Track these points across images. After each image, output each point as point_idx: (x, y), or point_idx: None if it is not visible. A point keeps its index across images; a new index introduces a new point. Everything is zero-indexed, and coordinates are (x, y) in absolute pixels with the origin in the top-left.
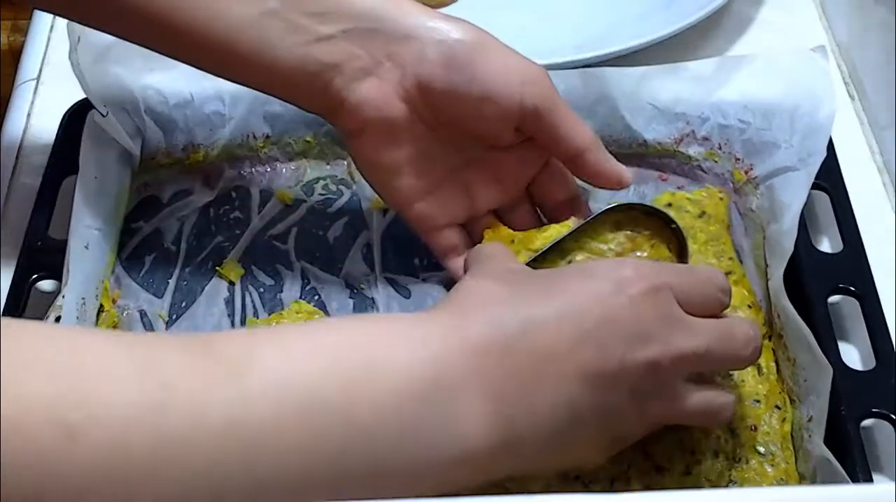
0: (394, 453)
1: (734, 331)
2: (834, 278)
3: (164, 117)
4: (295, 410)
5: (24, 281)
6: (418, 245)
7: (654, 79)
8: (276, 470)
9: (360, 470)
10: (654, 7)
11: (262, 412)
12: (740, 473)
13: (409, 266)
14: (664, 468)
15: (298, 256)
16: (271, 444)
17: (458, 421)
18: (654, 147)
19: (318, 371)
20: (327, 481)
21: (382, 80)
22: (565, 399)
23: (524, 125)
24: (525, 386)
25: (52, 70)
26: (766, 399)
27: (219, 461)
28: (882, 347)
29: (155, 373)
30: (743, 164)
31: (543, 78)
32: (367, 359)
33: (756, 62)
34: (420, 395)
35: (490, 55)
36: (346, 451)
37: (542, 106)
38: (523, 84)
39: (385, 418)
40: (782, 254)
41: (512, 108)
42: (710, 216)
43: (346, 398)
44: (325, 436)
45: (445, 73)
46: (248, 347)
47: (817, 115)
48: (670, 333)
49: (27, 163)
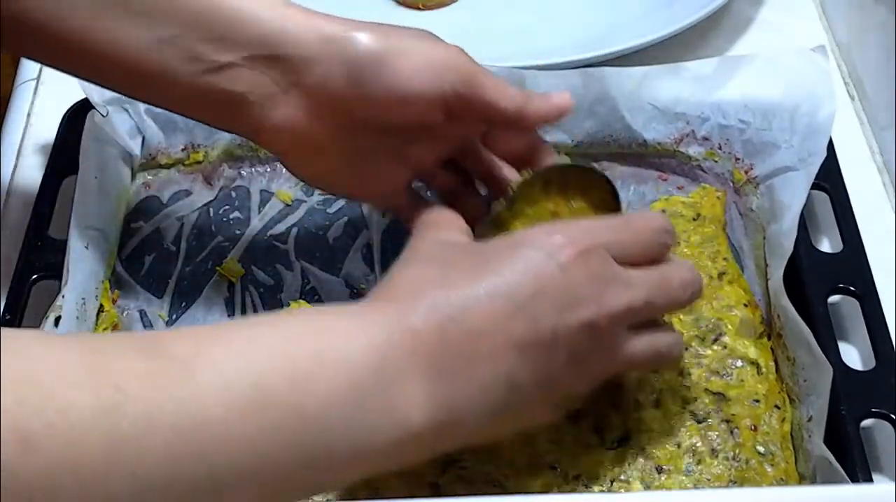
0: (342, 440)
1: (671, 278)
2: (834, 278)
3: (164, 117)
4: (245, 405)
5: (24, 281)
6: None
7: (654, 79)
8: (230, 465)
9: (311, 458)
10: (654, 7)
11: (212, 409)
12: (740, 473)
13: None
14: (664, 468)
15: (298, 256)
16: (224, 440)
17: (401, 405)
18: (653, 147)
19: (266, 366)
20: (280, 471)
21: (294, 106)
22: (502, 372)
23: (453, 109)
24: (462, 365)
25: (52, 70)
26: (765, 399)
27: (173, 459)
28: (882, 347)
29: (108, 377)
30: (743, 164)
31: (458, 59)
32: (314, 352)
33: (756, 62)
34: (365, 384)
35: (399, 57)
36: (297, 442)
37: (464, 89)
38: (439, 75)
39: (333, 408)
40: (782, 254)
41: (434, 101)
42: (704, 217)
43: (294, 390)
44: (276, 429)
45: (356, 89)
46: (197, 346)
47: (817, 115)
48: (604, 292)
49: (27, 163)
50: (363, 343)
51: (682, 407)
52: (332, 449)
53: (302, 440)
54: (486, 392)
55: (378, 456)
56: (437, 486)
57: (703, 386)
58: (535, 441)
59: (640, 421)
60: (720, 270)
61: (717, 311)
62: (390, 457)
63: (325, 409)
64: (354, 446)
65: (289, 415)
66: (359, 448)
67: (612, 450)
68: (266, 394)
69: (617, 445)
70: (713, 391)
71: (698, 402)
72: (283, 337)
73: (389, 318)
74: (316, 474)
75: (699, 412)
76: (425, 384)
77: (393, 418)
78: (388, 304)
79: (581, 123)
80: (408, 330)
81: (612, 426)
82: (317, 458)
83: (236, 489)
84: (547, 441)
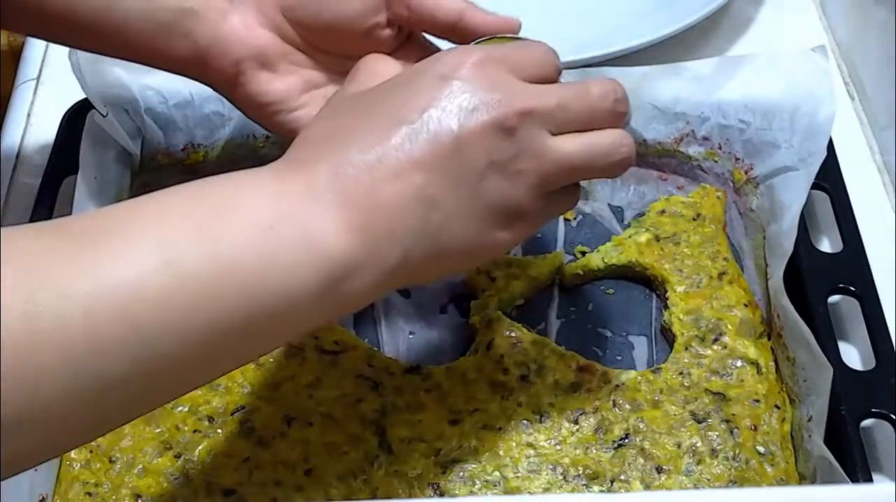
0: (264, 284)
1: (588, 87)
2: (834, 278)
3: (164, 117)
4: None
5: None
6: None
7: (654, 79)
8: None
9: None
10: (654, 7)
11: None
12: (740, 473)
13: None
14: (664, 468)
15: None
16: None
17: (316, 234)
18: (654, 147)
19: (172, 222)
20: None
21: (243, 14)
22: (413, 193)
23: (395, 18)
24: (368, 192)
25: (52, 70)
26: (765, 398)
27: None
28: (882, 347)
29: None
30: (743, 164)
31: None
32: (220, 205)
33: (756, 62)
34: (275, 225)
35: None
36: (217, 289)
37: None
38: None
39: (246, 252)
40: (782, 254)
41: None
42: (704, 217)
43: (204, 239)
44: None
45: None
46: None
47: (817, 115)
48: (508, 94)
49: (27, 163)
50: (269, 191)
51: (682, 407)
52: (256, 296)
53: (221, 285)
54: (400, 212)
55: (310, 298)
56: (438, 486)
57: (703, 386)
58: (535, 441)
59: (640, 421)
60: (720, 270)
61: (717, 311)
62: (325, 297)
63: (239, 254)
64: (279, 288)
65: (204, 263)
66: (285, 291)
67: (612, 450)
68: (175, 249)
69: (617, 445)
70: (713, 391)
71: (698, 402)
72: (186, 196)
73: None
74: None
75: (699, 412)
76: (334, 217)
77: (311, 248)
78: (289, 160)
79: None
80: (303, 174)
81: (612, 426)
82: (241, 308)
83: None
84: (547, 441)
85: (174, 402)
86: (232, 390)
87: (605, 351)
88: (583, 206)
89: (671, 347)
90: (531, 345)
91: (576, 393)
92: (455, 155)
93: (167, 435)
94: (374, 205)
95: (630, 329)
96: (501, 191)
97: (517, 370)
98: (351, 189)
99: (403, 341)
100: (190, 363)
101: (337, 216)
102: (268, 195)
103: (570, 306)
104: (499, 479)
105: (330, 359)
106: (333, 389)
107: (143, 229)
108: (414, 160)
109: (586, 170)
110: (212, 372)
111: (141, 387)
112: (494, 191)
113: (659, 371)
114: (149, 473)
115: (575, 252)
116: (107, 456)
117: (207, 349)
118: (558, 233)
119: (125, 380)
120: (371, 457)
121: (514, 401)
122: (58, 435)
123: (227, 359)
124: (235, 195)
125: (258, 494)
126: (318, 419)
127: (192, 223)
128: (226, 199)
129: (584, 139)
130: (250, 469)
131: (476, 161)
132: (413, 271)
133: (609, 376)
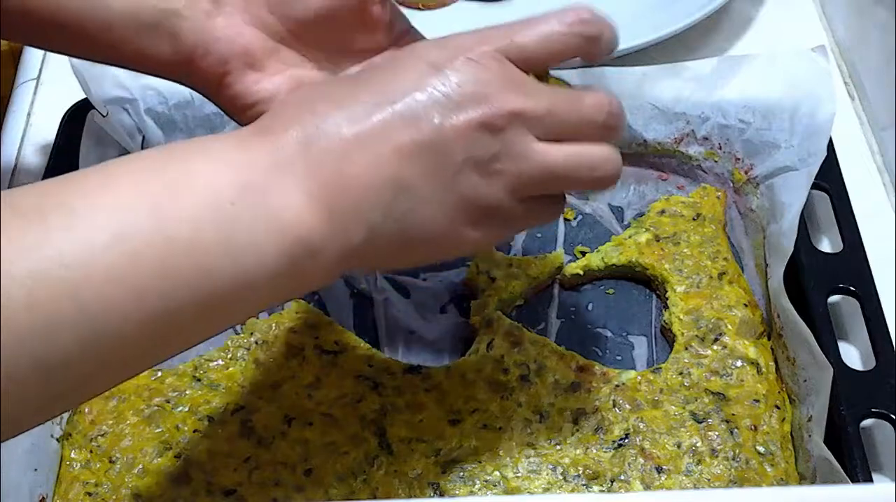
0: (223, 262)
1: (582, 97)
2: (834, 278)
3: (164, 117)
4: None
5: None
6: None
7: (654, 79)
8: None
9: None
10: (654, 7)
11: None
12: (740, 473)
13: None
14: (664, 468)
15: None
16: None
17: (278, 210)
18: (654, 146)
19: (124, 200)
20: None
21: (228, 14)
22: (386, 175)
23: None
24: (338, 172)
25: (52, 70)
26: (765, 399)
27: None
28: (882, 347)
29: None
30: (743, 164)
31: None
32: (175, 178)
33: (756, 62)
34: (235, 200)
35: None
36: (171, 268)
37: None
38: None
39: (204, 230)
40: (782, 254)
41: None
42: (704, 217)
43: (157, 215)
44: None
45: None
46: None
47: (817, 115)
48: (498, 92)
49: (27, 163)
50: (231, 161)
51: (682, 407)
52: (212, 276)
53: (175, 264)
54: (370, 192)
55: (269, 277)
56: (438, 486)
57: (703, 386)
58: (535, 441)
59: (640, 421)
60: (720, 270)
61: (717, 311)
62: (285, 275)
63: (196, 232)
64: (237, 268)
65: (157, 240)
66: (244, 270)
67: (612, 450)
68: (126, 225)
69: (617, 445)
70: (713, 391)
71: (698, 402)
72: (144, 166)
73: (258, 139)
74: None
75: (699, 412)
76: (299, 193)
77: (272, 225)
78: (258, 127)
79: None
80: (270, 142)
81: (612, 426)
82: (196, 287)
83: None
84: (547, 440)
85: (174, 402)
86: (232, 390)
87: (605, 351)
88: (583, 206)
89: (671, 347)
90: (531, 345)
91: (576, 393)
92: (434, 146)
93: (167, 435)
94: (342, 181)
95: (630, 329)
96: (476, 188)
97: (517, 370)
98: (321, 161)
99: (403, 341)
100: (142, 342)
101: (302, 189)
102: (231, 165)
103: (570, 306)
104: (499, 479)
105: (330, 359)
106: (333, 389)
107: (95, 204)
108: (392, 144)
109: (568, 180)
110: (166, 350)
111: (91, 367)
112: (469, 187)
113: (659, 371)
114: (149, 473)
115: (575, 252)
116: (107, 456)
117: (160, 328)
118: (558, 233)
119: (73, 361)
120: (371, 457)
121: (514, 401)
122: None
123: (181, 338)
124: (197, 166)
125: (258, 494)
126: (318, 419)
127: (147, 197)
128: (185, 170)
129: (570, 149)
130: (250, 469)
131: (455, 155)
132: (376, 254)
133: (609, 376)
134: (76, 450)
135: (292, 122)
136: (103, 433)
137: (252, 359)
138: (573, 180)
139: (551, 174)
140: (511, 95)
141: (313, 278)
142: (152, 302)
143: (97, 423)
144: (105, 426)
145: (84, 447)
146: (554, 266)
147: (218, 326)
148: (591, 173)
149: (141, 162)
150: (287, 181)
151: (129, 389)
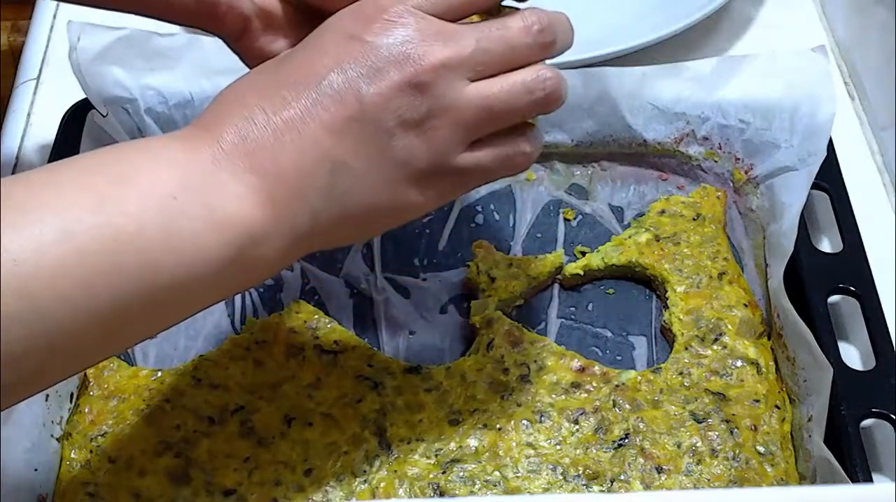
0: (168, 256)
1: (506, 23)
2: (834, 278)
3: (164, 117)
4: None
5: None
6: (418, 245)
7: (654, 79)
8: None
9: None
10: (654, 7)
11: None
12: (740, 473)
13: (409, 266)
14: (664, 468)
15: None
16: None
17: (219, 202)
18: (654, 147)
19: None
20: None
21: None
22: (320, 156)
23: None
24: (274, 160)
25: (52, 70)
26: (765, 398)
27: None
28: (882, 347)
29: None
30: (743, 164)
31: None
32: (121, 175)
33: (756, 62)
34: (174, 194)
35: None
36: (118, 264)
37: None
38: None
39: (148, 224)
40: (782, 254)
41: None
42: (704, 217)
43: (102, 211)
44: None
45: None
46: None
47: (817, 115)
48: (421, 49)
49: (27, 163)
50: (174, 158)
51: (682, 407)
52: (158, 269)
53: (121, 258)
54: (306, 175)
55: (215, 269)
56: (438, 486)
57: (703, 386)
58: (535, 441)
59: (640, 421)
60: (720, 270)
61: (717, 311)
62: (231, 267)
63: (140, 227)
64: (182, 260)
65: (103, 235)
66: (189, 262)
67: (612, 450)
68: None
69: (617, 445)
70: (713, 391)
71: (698, 402)
72: (91, 165)
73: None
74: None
75: (699, 412)
76: (238, 183)
77: (214, 217)
78: (198, 125)
79: (581, 123)
80: (209, 139)
81: (612, 426)
82: (143, 280)
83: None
84: (547, 440)
85: (174, 402)
86: (232, 390)
87: (605, 351)
88: (583, 206)
89: (671, 347)
90: (531, 345)
91: (576, 394)
92: (362, 116)
93: (167, 435)
94: (280, 169)
95: (630, 329)
96: (412, 149)
97: (517, 370)
98: (257, 153)
99: (403, 341)
100: (92, 336)
101: (242, 182)
102: (173, 163)
103: (570, 306)
104: (499, 479)
105: (330, 359)
106: (333, 389)
107: (44, 201)
108: (320, 123)
109: (509, 112)
110: (118, 343)
111: (42, 361)
112: (404, 150)
113: (659, 371)
114: (149, 473)
115: (575, 252)
116: (107, 456)
117: (110, 321)
118: (558, 233)
119: (23, 355)
120: (371, 457)
121: (514, 401)
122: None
123: (131, 330)
124: (140, 163)
125: (258, 494)
126: (318, 419)
127: (93, 194)
128: (130, 168)
129: (503, 80)
130: (250, 469)
131: (384, 121)
132: (324, 235)
133: (609, 376)
134: (76, 450)
135: (227, 116)
136: (103, 433)
137: (252, 359)
138: (513, 110)
139: (489, 111)
140: (432, 47)
141: (264, 268)
142: (101, 295)
143: (97, 423)
144: (105, 426)
145: (84, 447)
146: (554, 266)
147: (170, 318)
148: (529, 97)
149: (86, 160)
150: (227, 175)
151: (129, 389)
